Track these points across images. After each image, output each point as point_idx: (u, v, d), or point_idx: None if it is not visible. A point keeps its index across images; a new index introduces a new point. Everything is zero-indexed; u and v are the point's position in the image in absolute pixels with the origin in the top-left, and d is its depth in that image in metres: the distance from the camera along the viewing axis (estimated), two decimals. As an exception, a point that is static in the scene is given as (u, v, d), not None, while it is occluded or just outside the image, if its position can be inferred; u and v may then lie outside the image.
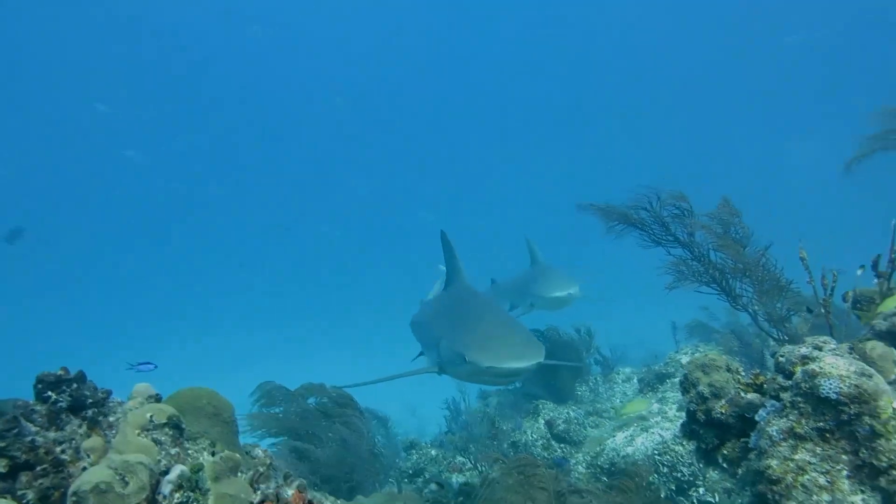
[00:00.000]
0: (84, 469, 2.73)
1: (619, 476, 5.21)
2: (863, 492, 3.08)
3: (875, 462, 3.03)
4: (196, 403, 3.22)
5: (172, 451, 2.93)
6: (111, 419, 3.06)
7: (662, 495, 5.91)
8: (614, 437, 7.62)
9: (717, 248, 5.58)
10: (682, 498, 6.23)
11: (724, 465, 4.02)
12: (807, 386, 3.25)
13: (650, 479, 5.46)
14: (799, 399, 3.30)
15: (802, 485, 3.13)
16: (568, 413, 8.85)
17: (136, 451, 2.79)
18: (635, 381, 11.10)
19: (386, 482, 7.36)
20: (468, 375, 5.85)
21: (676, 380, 9.38)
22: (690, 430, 4.19)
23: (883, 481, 3.00)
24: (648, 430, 7.37)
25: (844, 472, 3.16)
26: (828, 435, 3.22)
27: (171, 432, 2.98)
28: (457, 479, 7.88)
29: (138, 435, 2.88)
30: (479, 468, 7.82)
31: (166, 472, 2.77)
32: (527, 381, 11.59)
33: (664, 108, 55.91)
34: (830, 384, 3.15)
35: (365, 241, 58.94)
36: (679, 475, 6.34)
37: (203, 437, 3.15)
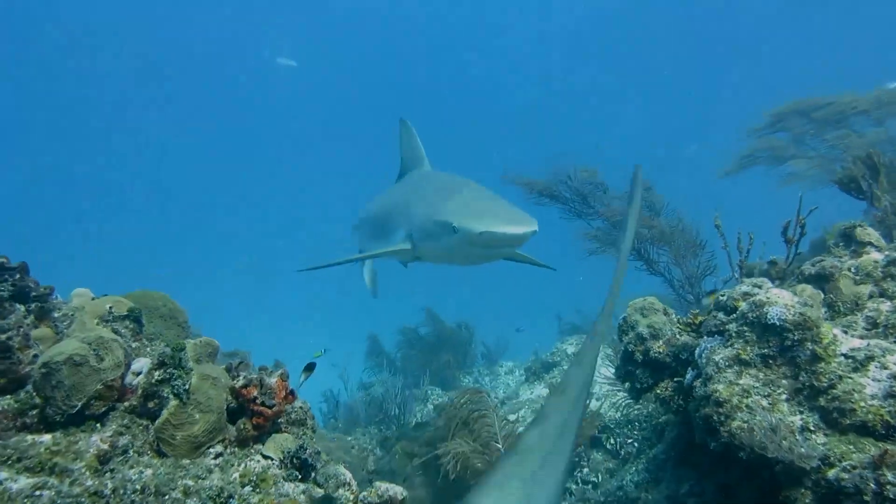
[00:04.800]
0: (35, 357, 2.43)
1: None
2: (801, 412, 3.32)
3: (815, 383, 3.28)
4: (150, 304, 2.94)
5: (133, 345, 2.67)
6: (56, 315, 2.74)
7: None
8: (506, 418, 7.75)
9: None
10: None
11: (658, 403, 4.20)
12: (753, 315, 3.47)
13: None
14: (745, 328, 3.52)
15: (747, 406, 3.33)
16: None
17: (98, 338, 2.52)
18: (517, 373, 11.37)
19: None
20: (452, 249, 5.04)
21: (564, 367, 9.72)
22: (626, 371, 4.34)
23: (822, 401, 3.25)
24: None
25: (784, 396, 3.40)
26: (770, 361, 3.45)
27: (131, 325, 2.71)
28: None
29: (97, 325, 2.60)
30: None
31: (129, 365, 2.52)
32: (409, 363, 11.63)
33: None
34: (777, 311, 3.38)
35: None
36: (566, 456, 6.54)
37: (160, 338, 2.89)
